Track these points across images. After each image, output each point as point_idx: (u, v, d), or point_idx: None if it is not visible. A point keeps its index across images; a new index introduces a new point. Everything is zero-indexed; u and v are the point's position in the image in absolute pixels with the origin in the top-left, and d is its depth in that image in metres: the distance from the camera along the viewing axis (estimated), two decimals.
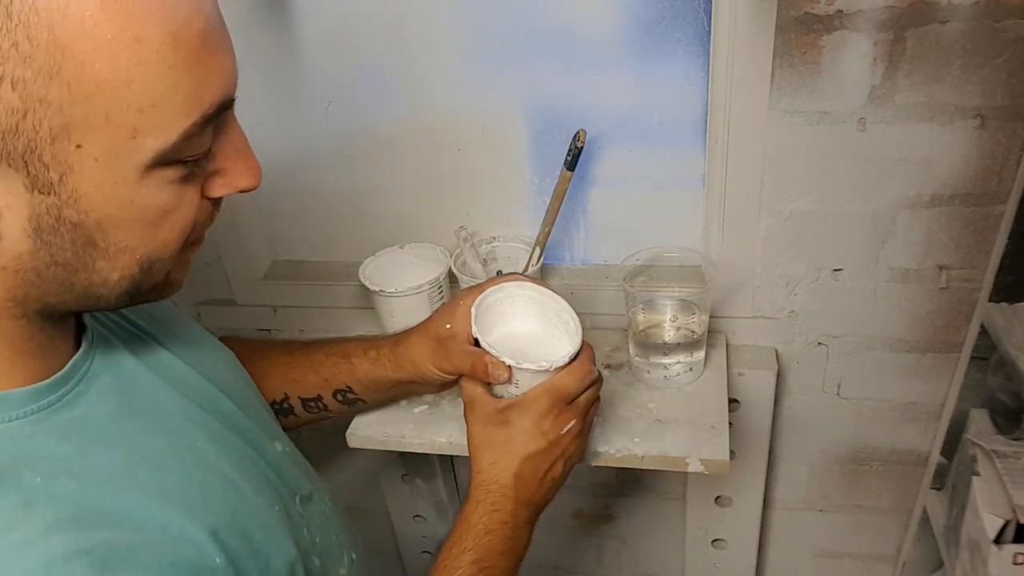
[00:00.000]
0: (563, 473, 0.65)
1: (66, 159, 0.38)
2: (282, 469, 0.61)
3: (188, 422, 0.53)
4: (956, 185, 0.77)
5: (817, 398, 0.96)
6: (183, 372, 0.57)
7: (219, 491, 0.51)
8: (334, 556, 0.63)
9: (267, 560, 0.51)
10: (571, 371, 0.64)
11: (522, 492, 0.63)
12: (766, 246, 0.84)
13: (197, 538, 0.46)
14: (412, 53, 0.84)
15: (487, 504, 0.62)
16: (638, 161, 0.86)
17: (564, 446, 0.64)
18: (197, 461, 0.51)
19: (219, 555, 0.47)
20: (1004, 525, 0.77)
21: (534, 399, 0.63)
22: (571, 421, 0.64)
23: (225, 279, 1.01)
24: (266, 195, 0.97)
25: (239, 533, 0.49)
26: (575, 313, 0.67)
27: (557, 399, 0.63)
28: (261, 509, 0.54)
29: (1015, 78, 0.70)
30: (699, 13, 0.76)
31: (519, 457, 0.63)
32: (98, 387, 0.49)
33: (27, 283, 0.42)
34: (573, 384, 0.64)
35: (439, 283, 0.84)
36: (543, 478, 0.64)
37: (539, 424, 0.63)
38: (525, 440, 0.63)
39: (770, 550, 1.14)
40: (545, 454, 0.63)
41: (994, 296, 0.79)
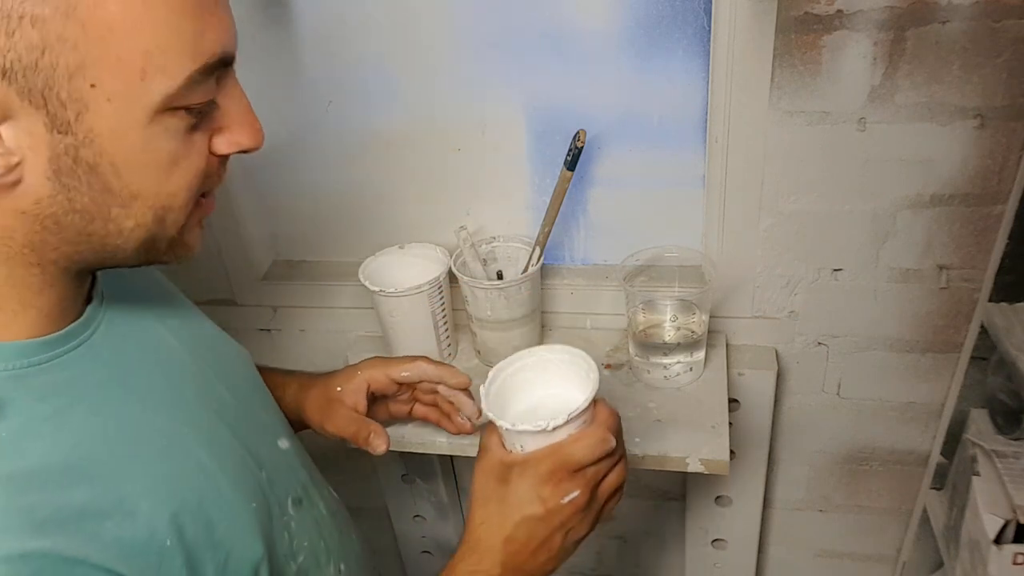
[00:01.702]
0: (561, 546, 0.59)
1: (81, 97, 0.40)
2: (278, 469, 0.61)
3: (176, 406, 0.54)
4: (956, 185, 0.77)
5: (817, 398, 0.96)
6: (184, 359, 0.58)
7: (190, 476, 0.51)
8: (320, 563, 0.62)
9: (227, 554, 0.51)
10: (581, 436, 0.58)
11: (511, 559, 0.58)
12: (766, 246, 0.84)
13: (153, 517, 0.46)
14: (412, 53, 0.84)
15: (473, 561, 0.58)
16: (638, 161, 0.86)
17: (564, 517, 0.58)
18: (175, 443, 0.52)
19: (171, 537, 0.47)
20: (1004, 525, 0.77)
21: (536, 461, 0.58)
22: (574, 491, 0.57)
23: (225, 279, 1.01)
24: (266, 195, 0.98)
25: (202, 521, 0.50)
26: (595, 366, 0.62)
27: (560, 465, 0.57)
28: (233, 503, 0.53)
29: (1015, 78, 0.70)
30: (699, 13, 0.76)
31: (512, 520, 0.58)
32: (93, 354, 0.50)
33: (46, 230, 0.43)
34: (580, 451, 0.58)
35: (439, 283, 0.84)
36: (536, 548, 0.58)
37: (538, 488, 0.57)
38: (522, 503, 0.58)
39: (770, 550, 1.14)
40: (541, 522, 0.57)
41: (994, 296, 0.79)
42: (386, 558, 1.22)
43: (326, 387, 0.74)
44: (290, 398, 0.75)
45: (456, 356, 0.92)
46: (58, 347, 0.47)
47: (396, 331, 0.86)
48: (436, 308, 0.85)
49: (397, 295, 0.82)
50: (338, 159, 0.93)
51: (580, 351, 0.63)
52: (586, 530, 0.60)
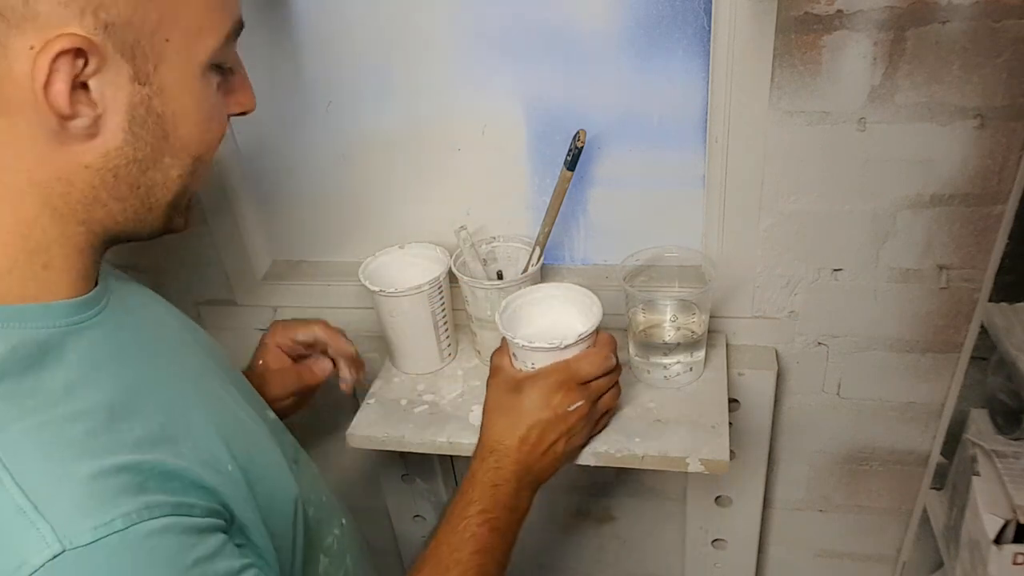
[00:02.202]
0: (564, 451, 0.69)
1: (160, 51, 0.45)
2: (276, 432, 0.66)
3: (186, 367, 0.58)
4: (956, 185, 0.77)
5: (817, 398, 0.96)
6: (182, 333, 0.63)
7: (224, 417, 0.56)
8: (327, 515, 0.67)
9: (272, 490, 0.55)
10: (587, 354, 0.69)
11: (525, 456, 0.67)
12: (766, 246, 0.84)
13: (213, 446, 0.51)
14: (412, 53, 0.84)
15: (492, 461, 0.66)
16: (638, 161, 0.86)
17: (570, 424, 0.68)
18: (201, 390, 0.57)
19: (231, 463, 0.51)
20: (1004, 525, 0.77)
21: (547, 374, 0.68)
22: (579, 401, 0.68)
23: (225, 279, 1.01)
24: (266, 195, 0.98)
25: (245, 455, 0.53)
26: (598, 300, 0.74)
27: (569, 377, 0.68)
28: (264, 443, 0.59)
29: (1015, 78, 0.70)
30: (699, 13, 0.76)
31: (526, 423, 0.67)
32: (116, 318, 0.53)
33: (103, 184, 0.47)
34: (586, 366, 0.69)
35: (439, 283, 0.84)
36: (546, 449, 0.67)
37: (548, 397, 0.67)
38: (534, 408, 0.67)
39: (770, 550, 1.14)
40: (550, 425, 0.67)
41: (994, 296, 0.79)
42: (386, 558, 1.22)
43: (253, 371, 0.81)
44: None
45: (456, 356, 0.92)
46: (91, 307, 0.51)
47: (396, 331, 0.86)
48: (436, 308, 0.85)
49: (397, 295, 0.82)
50: (338, 159, 0.93)
51: (583, 288, 0.76)
52: (583, 439, 0.72)
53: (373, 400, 0.86)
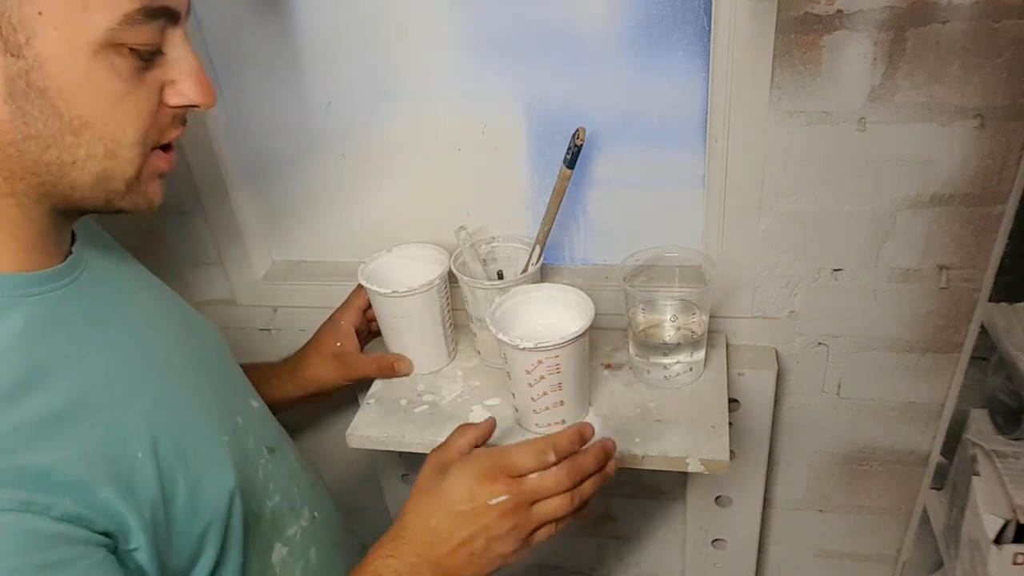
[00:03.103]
0: (482, 553, 0.59)
1: (31, 24, 0.45)
2: (251, 420, 0.67)
3: (152, 347, 0.59)
4: (956, 185, 0.77)
5: (817, 398, 0.96)
6: (158, 315, 0.64)
7: (165, 402, 0.56)
8: (295, 507, 0.67)
9: (200, 477, 0.55)
10: (523, 444, 0.61)
11: (430, 548, 0.59)
12: (766, 246, 0.84)
13: (129, 430, 0.52)
14: (412, 53, 0.84)
15: (388, 548, 0.59)
16: (638, 161, 0.86)
17: (489, 520, 0.58)
18: (152, 373, 0.57)
19: (143, 450, 0.52)
20: (1004, 525, 0.77)
21: (477, 458, 0.61)
22: (502, 495, 0.58)
23: (225, 279, 1.01)
24: (266, 195, 0.98)
25: (174, 442, 0.54)
26: (591, 301, 0.74)
27: (497, 464, 0.59)
28: (207, 433, 0.59)
29: (1015, 78, 0.70)
30: (699, 13, 0.76)
31: (439, 512, 0.59)
32: (78, 295, 0.55)
33: (9, 158, 0.48)
34: (521, 456, 0.60)
35: (439, 283, 0.83)
36: (457, 546, 0.59)
37: (469, 484, 0.59)
38: (452, 495, 0.59)
39: (770, 550, 1.14)
40: (465, 518, 0.58)
41: (994, 296, 0.79)
42: None
43: (322, 351, 0.86)
44: (287, 379, 0.86)
45: (456, 356, 0.92)
46: (44, 284, 0.52)
47: (403, 332, 0.86)
48: (444, 305, 0.85)
49: (397, 296, 0.82)
50: (338, 159, 0.93)
51: (577, 288, 0.76)
52: (510, 547, 0.59)
53: (373, 400, 0.86)
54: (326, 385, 0.87)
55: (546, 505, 0.60)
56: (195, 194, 0.94)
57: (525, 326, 0.77)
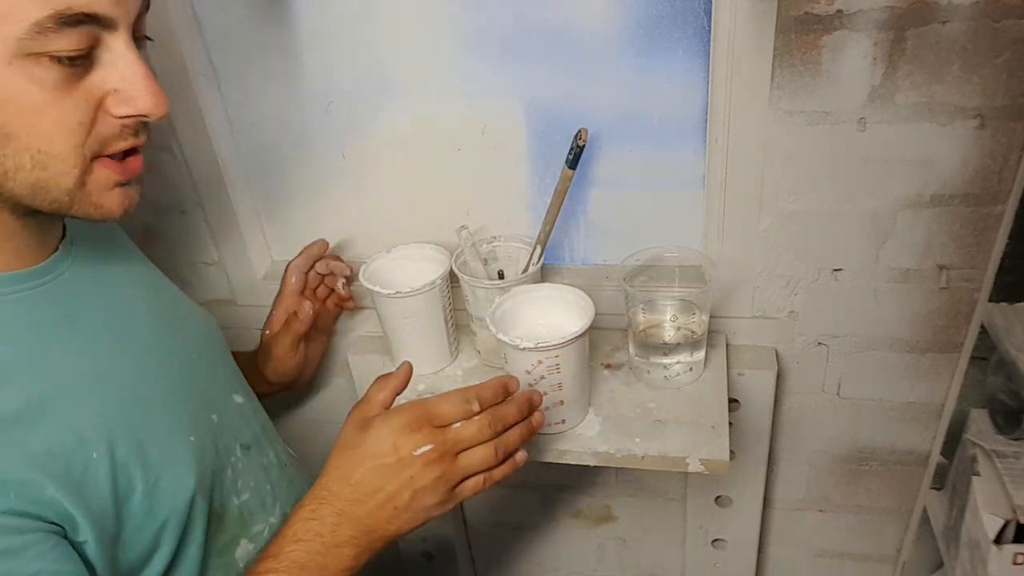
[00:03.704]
0: (408, 505, 0.58)
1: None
2: (230, 416, 0.68)
3: (125, 347, 0.60)
4: (956, 185, 0.77)
5: (817, 398, 0.96)
6: (143, 312, 0.64)
7: (128, 403, 0.57)
8: (266, 504, 0.68)
9: (158, 477, 0.56)
10: (446, 394, 0.61)
11: (352, 506, 0.58)
12: (766, 246, 0.84)
13: (84, 429, 0.52)
14: (412, 53, 0.84)
15: (308, 510, 0.58)
16: (638, 161, 0.86)
17: (414, 471, 0.58)
18: (118, 374, 0.57)
19: (99, 450, 0.52)
20: (1004, 525, 0.77)
21: (400, 410, 0.60)
22: (427, 444, 0.58)
23: (225, 279, 1.01)
24: (266, 195, 0.98)
25: (133, 442, 0.55)
26: (591, 301, 0.74)
27: (420, 415, 0.59)
28: (170, 434, 0.59)
29: (1015, 78, 0.70)
30: (699, 13, 0.76)
31: (361, 465, 0.58)
32: (51, 296, 0.56)
33: None
34: (444, 405, 0.60)
35: (441, 283, 0.83)
36: (383, 501, 0.58)
37: (394, 436, 0.58)
38: (374, 448, 0.58)
39: (770, 550, 1.14)
40: (389, 470, 0.58)
41: (994, 296, 0.79)
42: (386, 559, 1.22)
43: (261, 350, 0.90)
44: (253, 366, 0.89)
45: (457, 356, 0.92)
46: (13, 284, 0.53)
47: (407, 332, 0.86)
48: (446, 304, 0.86)
49: (397, 296, 0.82)
50: (338, 159, 0.93)
51: (577, 288, 0.77)
52: (435, 497, 0.59)
53: None
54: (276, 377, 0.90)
55: (471, 455, 0.60)
56: (195, 194, 0.94)
57: (525, 326, 0.77)
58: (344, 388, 1.07)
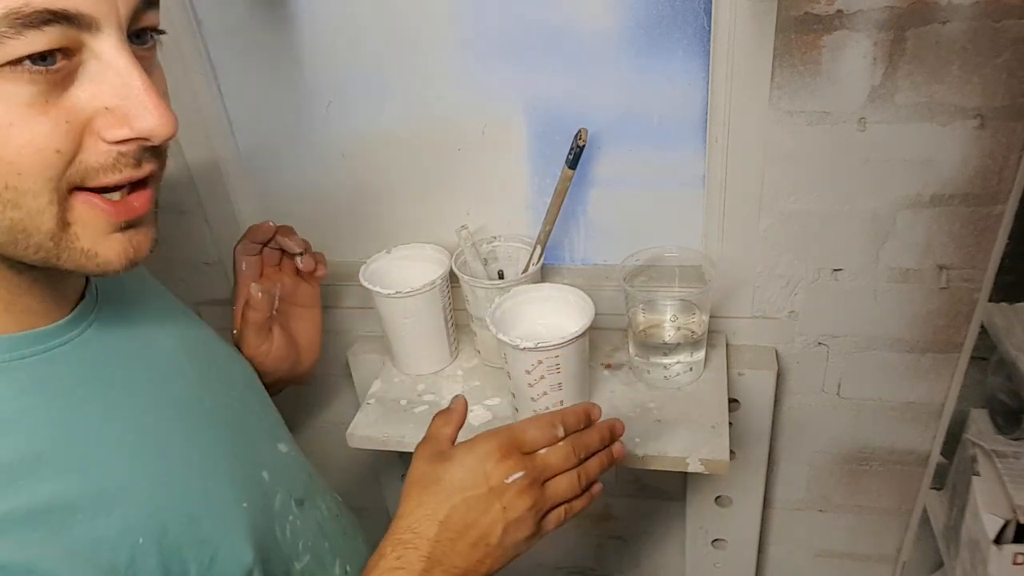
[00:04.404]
0: (500, 541, 0.53)
1: None
2: (279, 469, 0.61)
3: (165, 406, 0.53)
4: (956, 185, 0.77)
5: (817, 398, 0.96)
6: (180, 360, 0.58)
7: (175, 473, 0.50)
8: (325, 564, 0.61)
9: (214, 554, 0.49)
10: (532, 419, 0.57)
11: (442, 547, 0.52)
12: (766, 246, 0.84)
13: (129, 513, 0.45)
14: (412, 53, 0.84)
15: (392, 558, 0.52)
16: (638, 161, 0.86)
17: (507, 501, 0.53)
18: (161, 440, 0.50)
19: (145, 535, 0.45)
20: (1004, 525, 0.77)
21: (485, 437, 0.55)
22: (519, 471, 0.53)
23: (225, 279, 1.01)
24: (266, 195, 0.98)
25: (184, 518, 0.48)
26: (591, 301, 0.74)
27: (507, 441, 0.54)
28: (222, 502, 0.52)
29: (1015, 78, 0.70)
30: (699, 13, 0.76)
31: (450, 501, 0.52)
32: (80, 352, 0.49)
33: None
34: (532, 430, 0.56)
35: (441, 283, 0.83)
36: (476, 539, 0.52)
37: (483, 464, 0.53)
38: (462, 479, 0.53)
39: (770, 550, 1.14)
40: (480, 503, 0.52)
41: (994, 296, 0.79)
42: None
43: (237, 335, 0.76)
44: None
45: (458, 356, 0.92)
46: (37, 343, 0.46)
47: (407, 332, 0.86)
48: (446, 303, 0.86)
49: (398, 296, 0.82)
50: (338, 159, 0.93)
51: (577, 289, 0.76)
52: (527, 531, 0.54)
53: (373, 400, 0.86)
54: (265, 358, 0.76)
55: (558, 483, 0.56)
56: (195, 194, 0.94)
57: (525, 326, 0.77)
58: (344, 388, 1.08)
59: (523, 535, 0.54)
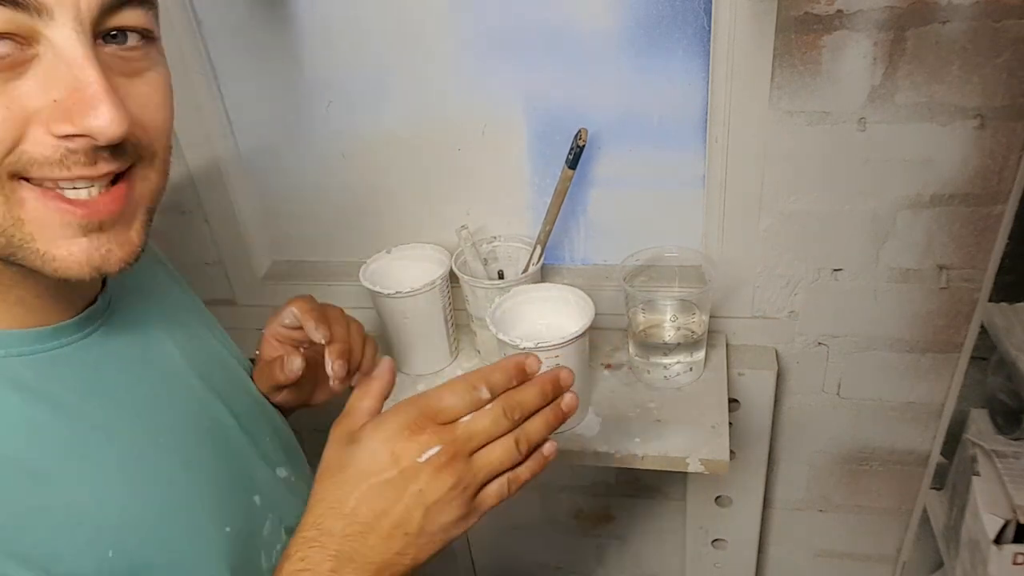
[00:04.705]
0: (421, 527, 0.46)
1: None
2: (274, 495, 0.58)
3: (158, 420, 0.51)
4: (956, 185, 0.77)
5: (817, 398, 0.96)
6: (186, 374, 0.56)
7: (154, 490, 0.48)
8: None
9: (187, 574, 0.48)
10: (453, 380, 0.48)
11: (351, 543, 0.45)
12: (766, 246, 0.84)
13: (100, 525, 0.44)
14: (412, 53, 0.84)
15: (297, 559, 0.46)
16: (638, 161, 0.86)
17: (422, 483, 0.45)
18: (146, 455, 0.49)
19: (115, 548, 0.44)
20: (1004, 525, 0.77)
21: (393, 411, 0.48)
22: (434, 447, 0.46)
23: (225, 279, 1.01)
24: (266, 195, 0.98)
25: (157, 537, 0.47)
26: (591, 301, 0.73)
27: (422, 412, 0.47)
28: (201, 524, 0.50)
29: (1015, 78, 0.70)
30: (699, 13, 0.76)
31: (356, 488, 0.46)
32: (80, 356, 0.48)
33: None
34: (448, 396, 0.47)
35: (441, 283, 0.83)
36: (390, 529, 0.45)
37: (391, 442, 0.46)
38: (369, 463, 0.46)
39: (770, 550, 1.14)
40: (391, 488, 0.45)
41: (994, 296, 0.79)
42: None
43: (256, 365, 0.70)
44: None
45: (458, 356, 0.92)
46: (36, 343, 0.45)
47: (408, 332, 0.86)
48: (446, 303, 0.86)
49: (398, 296, 0.82)
50: (338, 159, 0.93)
51: (577, 288, 0.76)
52: (454, 512, 0.46)
53: None
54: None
55: (488, 453, 0.47)
56: (195, 194, 0.94)
57: (525, 326, 0.77)
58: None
59: (450, 517, 0.47)
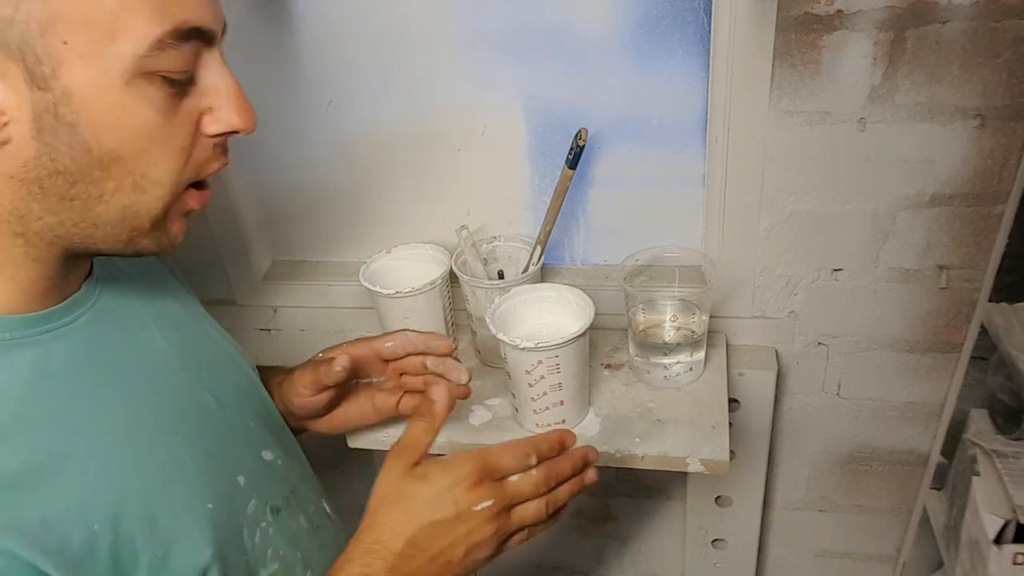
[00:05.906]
0: (460, 561, 0.55)
1: (56, 54, 0.42)
2: (258, 477, 0.62)
3: (146, 401, 0.55)
4: (956, 185, 0.77)
5: (817, 398, 0.96)
6: (170, 360, 0.59)
7: (140, 466, 0.52)
8: (295, 574, 0.62)
9: (167, 550, 0.51)
10: (507, 445, 0.58)
11: (405, 561, 0.54)
12: (766, 246, 0.84)
13: (88, 498, 0.47)
14: (412, 53, 0.84)
15: (359, 564, 0.54)
16: (638, 161, 0.86)
17: (471, 527, 0.55)
18: (133, 433, 0.53)
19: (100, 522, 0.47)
20: (1004, 525, 0.77)
21: (458, 461, 0.56)
22: (488, 500, 0.55)
23: (225, 279, 1.01)
24: (266, 195, 0.98)
25: (142, 512, 0.50)
26: (591, 302, 0.74)
27: (481, 468, 0.56)
28: (185, 500, 0.54)
29: (1015, 78, 0.70)
30: (699, 13, 0.76)
31: (419, 521, 0.55)
32: (70, 339, 0.51)
33: (31, 196, 0.45)
34: (505, 458, 0.57)
35: (441, 283, 0.84)
36: (436, 555, 0.55)
37: (453, 489, 0.55)
38: (431, 503, 0.55)
39: (770, 550, 1.14)
40: (447, 526, 0.55)
41: (994, 296, 0.79)
42: None
43: (307, 363, 0.73)
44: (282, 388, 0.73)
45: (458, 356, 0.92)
46: (34, 326, 0.49)
47: None
48: (446, 305, 0.86)
49: (398, 296, 0.82)
50: (338, 159, 0.93)
51: (577, 289, 0.77)
52: (487, 552, 0.57)
53: None
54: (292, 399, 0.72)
55: (525, 510, 0.58)
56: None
57: (525, 326, 0.77)
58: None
59: (482, 555, 0.57)
